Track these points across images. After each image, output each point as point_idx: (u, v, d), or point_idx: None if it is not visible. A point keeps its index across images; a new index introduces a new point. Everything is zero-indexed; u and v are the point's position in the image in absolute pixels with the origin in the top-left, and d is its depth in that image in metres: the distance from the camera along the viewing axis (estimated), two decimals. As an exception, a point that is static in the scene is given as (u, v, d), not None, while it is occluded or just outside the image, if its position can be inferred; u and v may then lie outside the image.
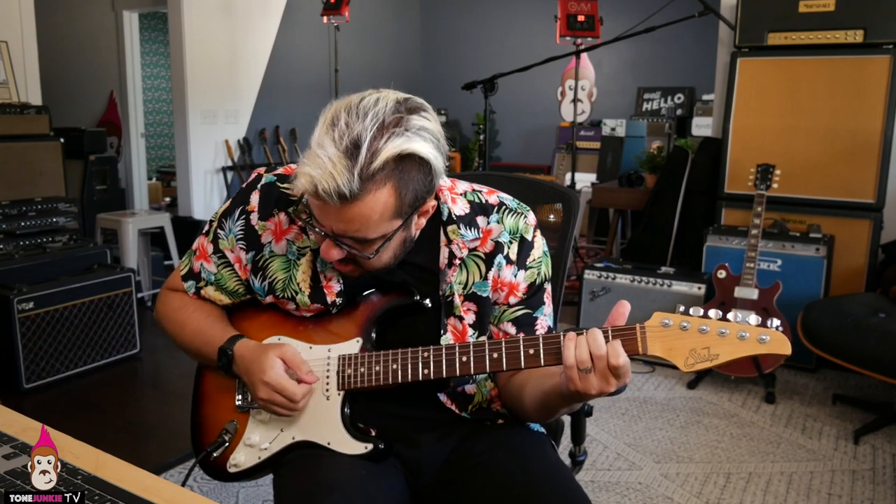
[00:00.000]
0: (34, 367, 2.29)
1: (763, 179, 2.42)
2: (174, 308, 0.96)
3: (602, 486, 1.79)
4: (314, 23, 4.54)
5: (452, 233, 0.87)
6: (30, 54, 2.90)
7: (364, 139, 0.71)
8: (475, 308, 0.88)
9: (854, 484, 1.81)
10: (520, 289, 0.88)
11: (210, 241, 0.94)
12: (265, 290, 0.90)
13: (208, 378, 0.96)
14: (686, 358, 0.72)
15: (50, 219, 2.64)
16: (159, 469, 1.81)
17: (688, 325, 0.73)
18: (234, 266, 0.92)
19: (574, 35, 3.44)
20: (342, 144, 0.71)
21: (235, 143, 4.42)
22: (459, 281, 0.87)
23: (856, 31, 2.51)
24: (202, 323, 0.93)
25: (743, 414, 2.24)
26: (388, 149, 0.71)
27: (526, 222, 0.89)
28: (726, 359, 0.72)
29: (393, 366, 0.82)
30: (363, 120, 0.72)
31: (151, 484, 0.66)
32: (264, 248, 0.90)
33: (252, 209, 0.90)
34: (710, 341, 0.72)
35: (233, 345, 0.88)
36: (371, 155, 0.71)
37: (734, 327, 0.72)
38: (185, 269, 0.97)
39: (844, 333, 2.06)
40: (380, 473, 0.83)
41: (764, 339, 0.70)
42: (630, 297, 2.61)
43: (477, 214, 0.88)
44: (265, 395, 0.84)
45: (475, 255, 0.87)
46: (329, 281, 0.87)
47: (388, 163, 0.72)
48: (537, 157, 5.54)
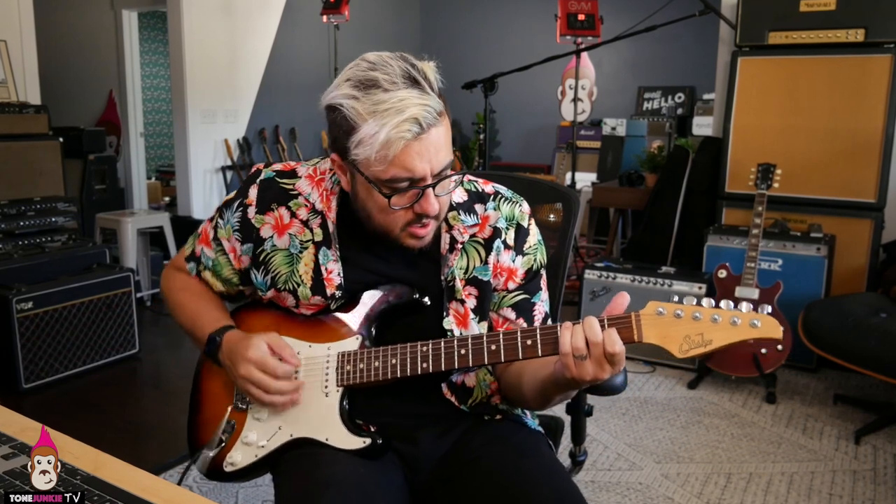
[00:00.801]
0: (33, 367, 2.29)
1: (764, 179, 2.42)
2: (176, 288, 1.00)
3: (602, 486, 1.78)
4: (314, 22, 4.53)
5: (453, 219, 0.90)
6: (29, 53, 2.90)
7: (410, 70, 0.77)
8: (476, 293, 0.89)
9: (855, 484, 1.81)
10: (518, 274, 0.91)
11: (212, 228, 0.97)
12: (267, 284, 0.91)
13: (207, 378, 0.96)
14: (680, 344, 0.74)
15: (49, 218, 2.64)
16: (158, 469, 1.80)
17: (682, 312, 0.75)
18: (230, 256, 0.95)
19: (574, 34, 3.43)
20: (399, 84, 0.76)
21: (235, 143, 4.42)
22: (461, 266, 0.89)
23: (857, 30, 2.50)
24: (199, 307, 0.96)
25: (744, 414, 2.24)
26: (428, 72, 0.78)
27: (521, 210, 0.93)
28: (720, 344, 0.73)
29: (392, 361, 0.83)
30: (390, 65, 0.77)
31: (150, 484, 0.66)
32: (265, 243, 0.91)
33: (250, 203, 0.92)
34: (703, 327, 0.74)
35: (222, 333, 0.90)
36: (423, 75, 0.77)
37: (727, 314, 0.73)
38: (189, 251, 1.00)
39: (845, 333, 2.06)
40: (378, 470, 0.84)
41: (756, 324, 0.72)
42: (630, 296, 2.60)
43: (475, 202, 0.92)
44: (244, 372, 0.85)
45: (475, 240, 0.90)
46: (329, 273, 0.89)
47: (437, 82, 0.79)
48: (537, 156, 5.54)
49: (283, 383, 0.85)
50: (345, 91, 0.76)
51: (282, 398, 0.85)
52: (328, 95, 0.79)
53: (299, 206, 0.91)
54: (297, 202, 0.91)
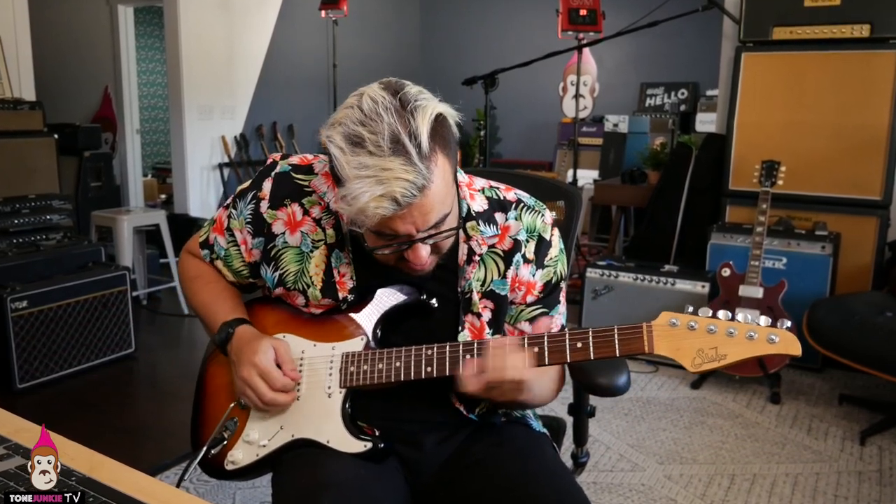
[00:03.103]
0: (28, 367, 2.27)
1: (768, 176, 2.40)
2: (191, 277, 1.00)
3: (604, 487, 1.77)
4: (312, 17, 4.50)
5: (472, 229, 0.88)
6: (23, 49, 2.88)
7: (399, 131, 0.72)
8: (492, 306, 0.88)
9: (860, 485, 1.80)
10: (536, 287, 0.90)
11: (226, 217, 0.96)
12: (275, 280, 0.91)
13: (211, 374, 0.96)
14: (693, 358, 0.72)
15: (44, 216, 2.61)
16: (155, 470, 1.79)
17: (696, 324, 0.73)
18: (241, 247, 0.94)
19: (576, 29, 3.40)
20: (385, 150, 0.71)
21: (232, 140, 4.39)
22: (478, 278, 0.88)
23: (862, 25, 2.48)
24: (213, 296, 0.96)
25: (748, 414, 2.22)
26: (420, 124, 0.73)
27: (543, 221, 0.90)
28: (734, 359, 0.71)
29: (396, 363, 0.82)
30: (381, 119, 0.72)
31: (147, 485, 0.66)
32: (277, 239, 0.90)
33: (263, 196, 0.91)
34: (717, 341, 0.71)
35: (236, 325, 0.90)
36: (414, 138, 0.73)
37: (743, 327, 0.71)
38: (203, 237, 0.99)
39: (851, 332, 2.05)
40: (379, 473, 0.83)
41: (773, 340, 0.70)
42: (633, 295, 2.59)
43: (495, 211, 0.90)
44: (245, 374, 0.85)
45: (494, 252, 0.88)
46: (342, 277, 0.88)
47: (429, 134, 0.73)
48: (539, 153, 5.52)
49: (279, 396, 0.85)
50: (336, 139, 0.74)
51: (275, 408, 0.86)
52: (325, 130, 0.76)
53: (313, 204, 0.89)
54: (311, 200, 0.90)
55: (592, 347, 0.76)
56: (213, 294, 0.96)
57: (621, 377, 0.92)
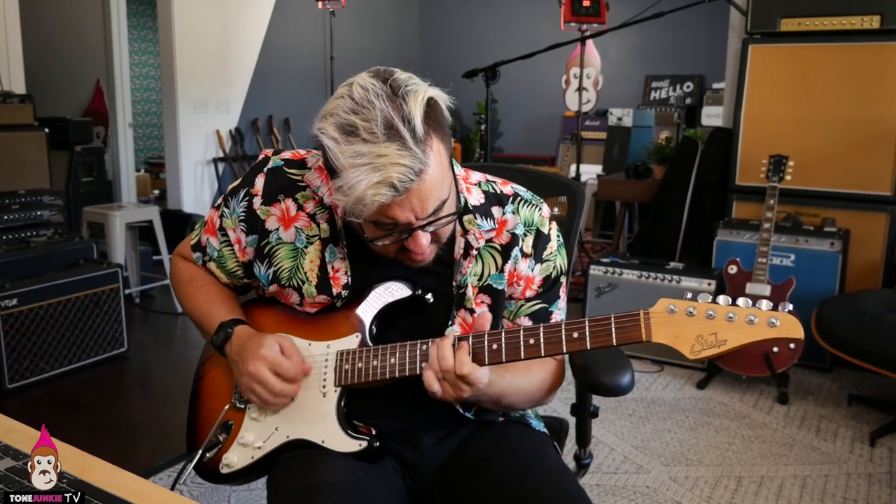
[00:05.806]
0: (17, 367, 2.25)
1: (776, 171, 2.38)
2: (184, 280, 0.99)
3: (608, 489, 1.75)
4: (309, 8, 4.47)
5: (468, 223, 0.87)
6: (13, 41, 2.86)
7: (392, 116, 0.71)
8: (489, 301, 0.88)
9: (870, 488, 1.78)
10: (535, 282, 0.89)
11: (218, 216, 0.95)
12: (269, 278, 0.90)
13: (208, 376, 0.97)
14: (692, 345, 0.70)
15: (34, 212, 2.60)
16: (148, 472, 1.78)
17: (694, 310, 0.71)
18: (235, 247, 0.93)
19: (579, 21, 3.36)
20: (379, 136, 0.71)
21: (227, 134, 4.36)
22: (475, 273, 0.88)
23: (872, 16, 2.46)
24: (208, 299, 0.95)
25: (755, 415, 2.20)
26: (413, 108, 0.72)
27: (541, 214, 0.90)
28: (734, 344, 0.69)
29: (391, 360, 0.82)
30: (373, 106, 0.72)
31: (139, 487, 0.65)
32: (270, 235, 0.90)
33: (256, 192, 0.90)
34: (717, 327, 0.70)
35: (234, 325, 0.89)
36: (408, 122, 0.72)
37: (743, 311, 0.69)
38: (195, 240, 0.98)
39: (860, 331, 2.03)
40: (376, 474, 0.83)
41: (774, 323, 0.68)
42: (637, 293, 2.56)
43: (492, 204, 0.89)
44: (252, 369, 0.84)
45: (491, 246, 0.88)
46: (337, 272, 0.88)
47: (422, 118, 0.73)
48: (541, 147, 5.49)
49: (289, 387, 0.85)
50: (329, 130, 0.73)
51: (283, 401, 0.85)
52: (316, 123, 0.76)
53: (307, 199, 0.89)
54: (304, 194, 0.89)
55: (589, 337, 0.75)
56: (208, 297, 0.95)
57: (625, 376, 0.89)
